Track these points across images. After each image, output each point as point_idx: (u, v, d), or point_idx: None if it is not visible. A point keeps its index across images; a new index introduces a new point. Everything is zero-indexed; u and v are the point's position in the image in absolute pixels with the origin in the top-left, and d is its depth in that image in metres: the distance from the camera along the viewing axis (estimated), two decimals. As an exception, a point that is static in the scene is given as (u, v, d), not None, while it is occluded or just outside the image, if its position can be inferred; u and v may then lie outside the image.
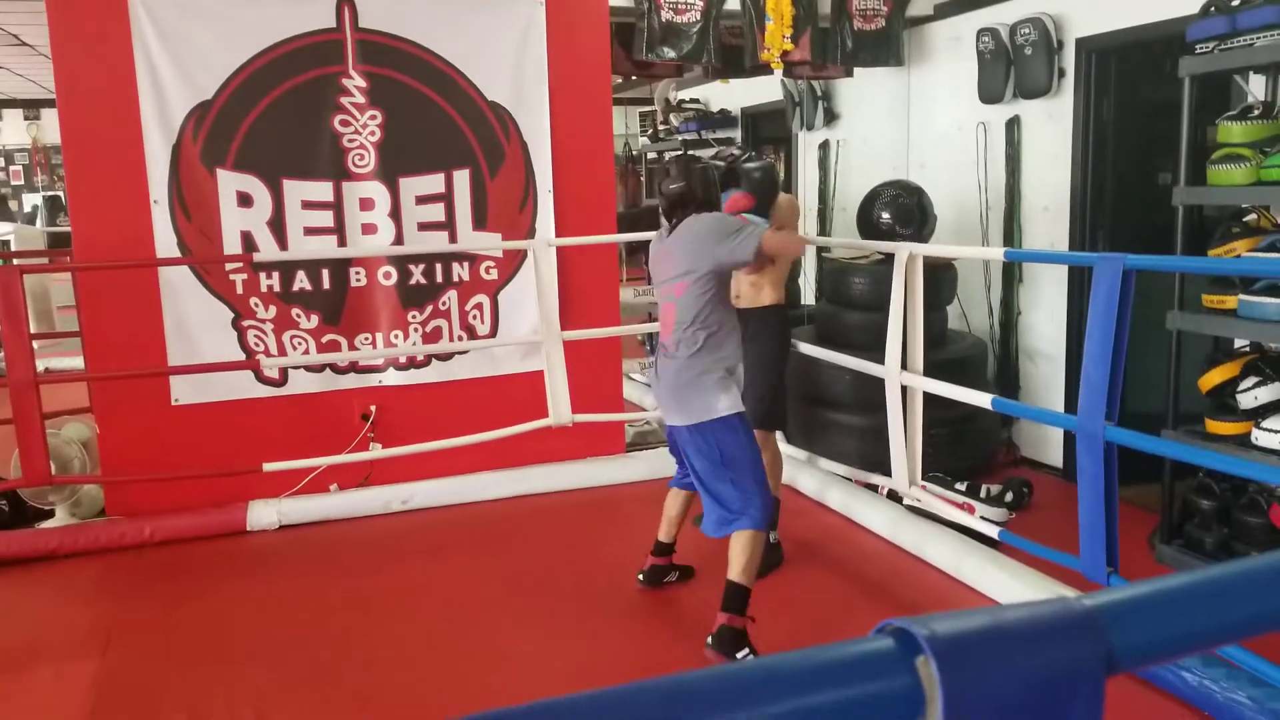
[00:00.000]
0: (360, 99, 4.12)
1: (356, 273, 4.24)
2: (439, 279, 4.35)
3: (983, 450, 4.52)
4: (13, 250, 7.20)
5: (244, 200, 4.03)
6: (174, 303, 3.99)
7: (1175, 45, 3.45)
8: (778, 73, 4.98)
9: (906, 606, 3.21)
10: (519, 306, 4.44)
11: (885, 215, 4.63)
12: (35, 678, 2.88)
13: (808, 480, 4.26)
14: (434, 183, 4.28)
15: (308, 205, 4.12)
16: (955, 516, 3.46)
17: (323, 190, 4.12)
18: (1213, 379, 3.29)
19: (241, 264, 4.04)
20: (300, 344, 4.17)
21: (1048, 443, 4.60)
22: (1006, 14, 4.53)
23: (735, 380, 2.87)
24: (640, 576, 3.32)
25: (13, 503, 4.02)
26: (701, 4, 4.48)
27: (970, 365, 4.43)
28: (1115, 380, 2.55)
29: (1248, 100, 3.35)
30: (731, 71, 5.22)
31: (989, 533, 3.27)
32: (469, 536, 3.94)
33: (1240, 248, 3.16)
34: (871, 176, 5.13)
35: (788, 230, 2.93)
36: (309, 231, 4.13)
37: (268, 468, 3.84)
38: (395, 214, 4.22)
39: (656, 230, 3.27)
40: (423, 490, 4.22)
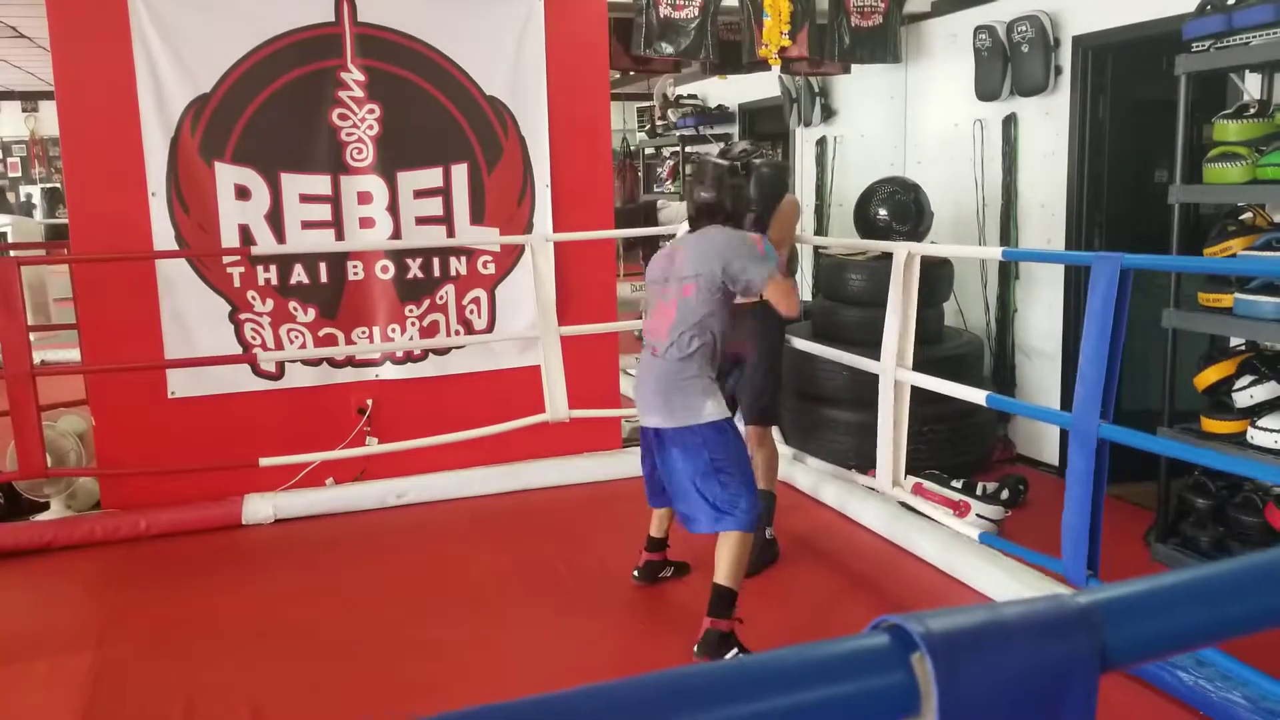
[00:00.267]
0: (358, 93, 4.11)
1: (354, 267, 4.23)
2: (436, 273, 4.35)
3: (979, 448, 4.52)
4: (10, 242, 7.19)
5: (242, 193, 4.02)
6: (171, 296, 3.98)
7: (1171, 43, 3.45)
8: (775, 69, 4.98)
9: (900, 602, 3.22)
10: (516, 301, 4.43)
11: (882, 212, 4.64)
12: (30, 671, 2.88)
13: (803, 476, 4.26)
14: (432, 177, 4.27)
15: (305, 199, 4.11)
16: (942, 518, 3.47)
17: (321, 184, 4.12)
18: (1208, 377, 3.30)
19: (239, 257, 4.03)
20: (297, 338, 4.17)
21: (1044, 440, 4.61)
22: (1003, 11, 4.53)
23: (714, 383, 2.87)
24: (635, 573, 3.32)
25: (8, 495, 4.01)
26: (699, 0, 4.48)
27: (966, 362, 4.44)
28: (1111, 378, 2.56)
29: (1243, 98, 3.36)
30: (729, 67, 5.22)
31: (971, 535, 3.28)
32: (464, 532, 3.95)
33: (1236, 246, 3.17)
34: (868, 173, 5.13)
35: (791, 284, 2.87)
36: (307, 225, 4.12)
37: (263, 462, 3.84)
38: (393, 208, 4.21)
39: (651, 225, 3.29)
40: (418, 485, 4.22)
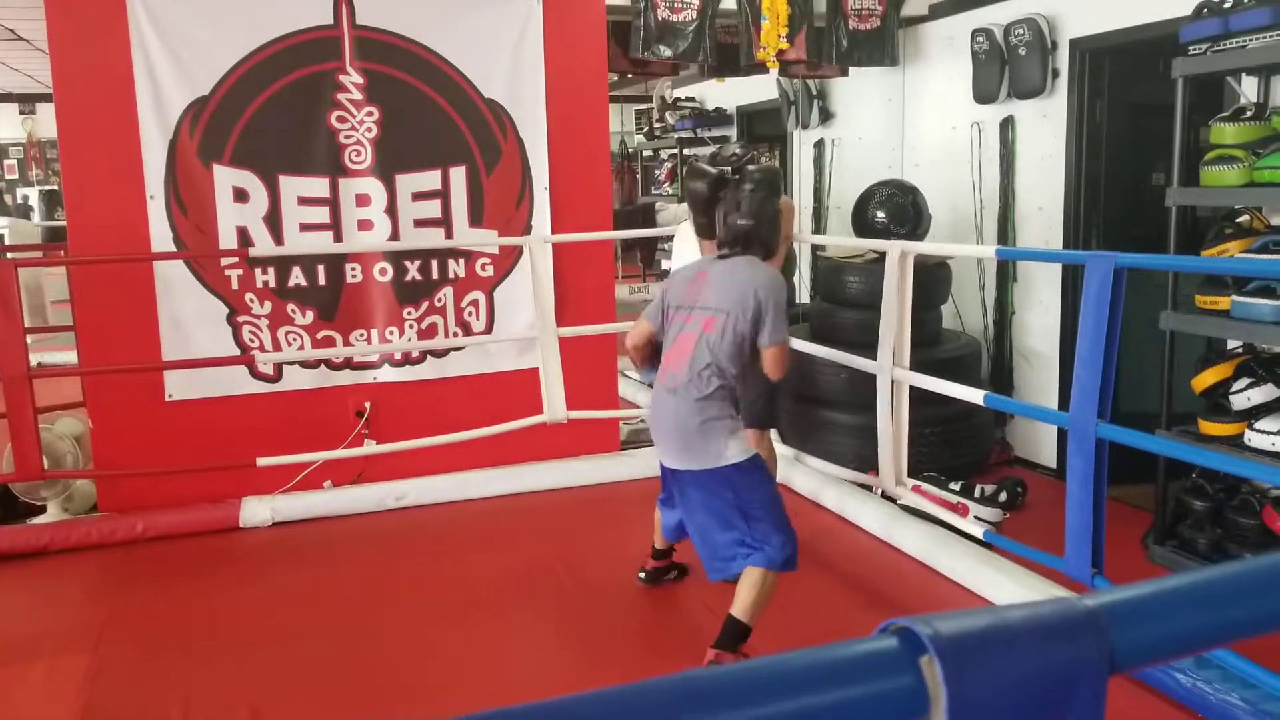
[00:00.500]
0: (357, 95, 4.11)
1: (352, 269, 4.23)
2: (435, 275, 4.34)
3: (977, 450, 4.53)
4: (7, 244, 7.17)
5: (240, 196, 4.02)
6: (169, 298, 3.98)
7: (1168, 46, 3.46)
8: (773, 71, 4.98)
9: (899, 605, 3.22)
10: (515, 303, 4.43)
11: (880, 214, 4.64)
12: (27, 673, 2.87)
13: (800, 478, 4.27)
14: (430, 179, 4.27)
15: (304, 201, 4.11)
16: (945, 518, 3.47)
17: (319, 186, 4.12)
18: (1206, 380, 3.30)
19: (237, 259, 4.03)
20: (295, 340, 4.16)
21: (1042, 443, 4.62)
22: (1001, 14, 4.54)
23: (739, 421, 2.77)
24: (641, 574, 3.31)
25: (4, 498, 4.00)
26: (697, 3, 4.49)
27: (964, 364, 4.44)
28: (1107, 378, 2.57)
29: (1240, 102, 3.37)
30: (727, 70, 5.23)
31: (975, 534, 3.28)
32: (463, 534, 3.94)
33: (1233, 248, 3.18)
34: (866, 176, 5.13)
35: (789, 350, 2.78)
36: (305, 227, 4.12)
37: (261, 464, 3.83)
38: (391, 210, 4.21)
39: (649, 227, 3.25)
40: (416, 487, 4.21)
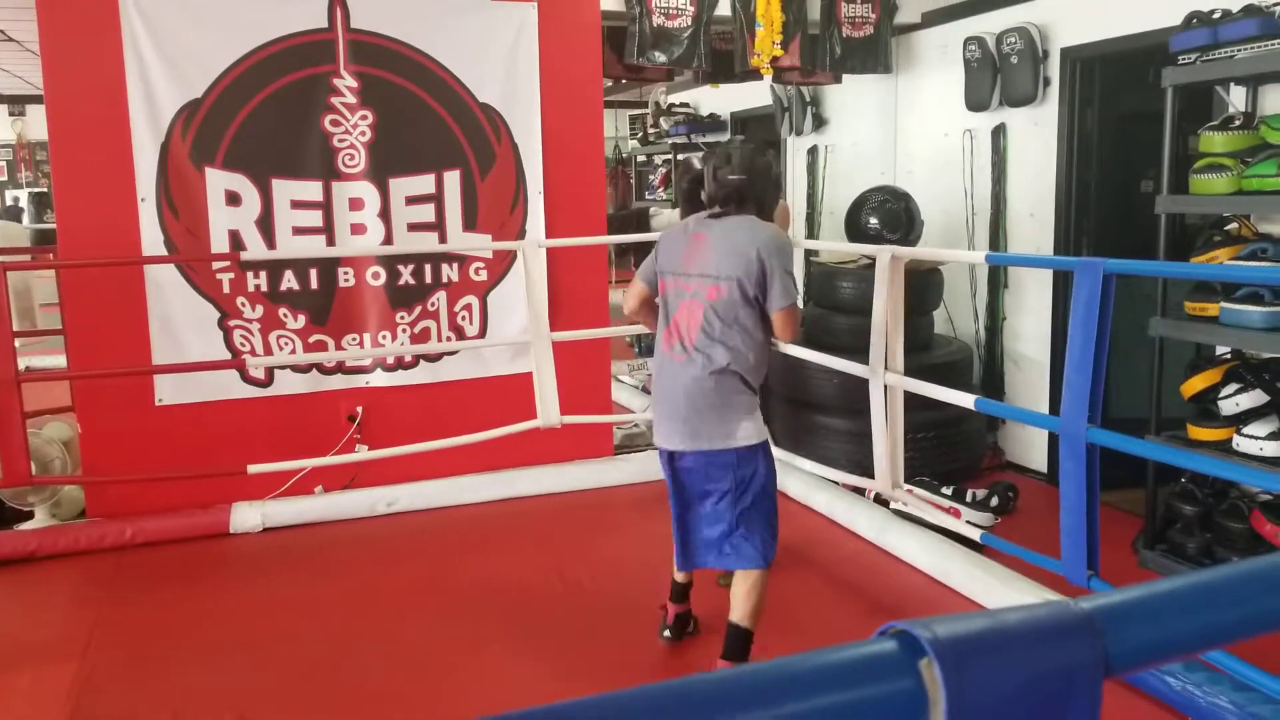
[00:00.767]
0: (351, 99, 4.11)
1: (345, 273, 4.22)
2: (428, 280, 4.34)
3: (969, 455, 4.55)
4: (-6, 247, 7.12)
5: (232, 199, 4.01)
6: (159, 301, 3.96)
7: (1158, 56, 3.50)
8: (767, 78, 5.00)
9: (893, 609, 3.23)
10: (508, 308, 4.43)
11: (873, 220, 4.66)
12: (14, 681, 2.85)
13: (793, 483, 4.27)
14: (424, 183, 4.27)
15: (297, 205, 4.10)
16: (941, 520, 3.48)
17: (312, 190, 4.11)
18: (1195, 385, 3.33)
19: (229, 263, 4.01)
20: (287, 344, 4.15)
21: (1033, 447, 4.64)
22: (993, 23, 4.58)
23: (755, 404, 2.61)
24: (666, 633, 2.98)
25: (-7, 503, 3.98)
26: (692, 9, 4.50)
27: (956, 370, 4.46)
28: (1097, 383, 2.58)
29: (1229, 111, 3.40)
30: (722, 76, 5.24)
31: (972, 536, 3.29)
32: (456, 539, 3.93)
33: (1222, 256, 3.20)
34: (859, 182, 5.16)
35: (799, 312, 2.60)
36: (298, 231, 4.11)
37: (252, 469, 3.81)
38: (385, 214, 4.20)
39: (644, 231, 3.21)
40: (409, 493, 4.20)
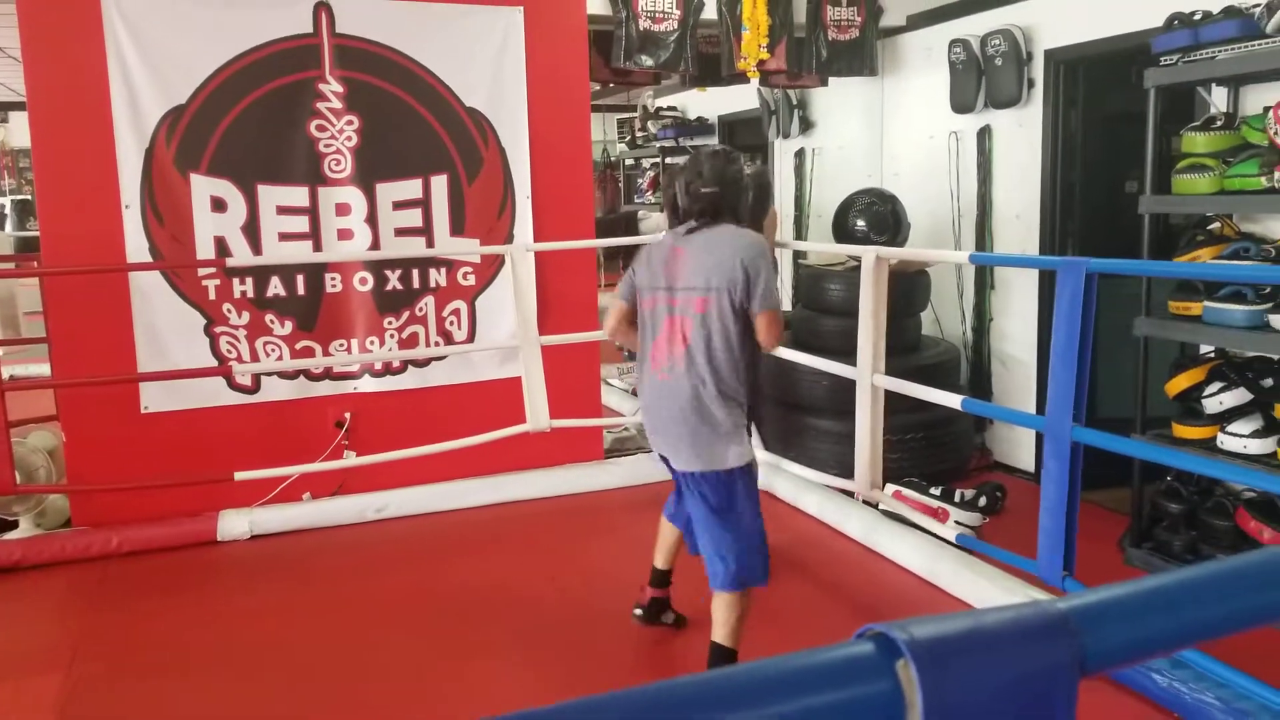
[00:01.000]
0: (337, 104, 4.10)
1: (332, 278, 4.21)
2: (416, 285, 4.33)
3: (957, 455, 4.56)
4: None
5: (218, 205, 3.99)
6: (145, 309, 3.94)
7: (1140, 57, 3.52)
8: (754, 81, 5.02)
9: (881, 610, 3.24)
10: (497, 312, 4.43)
11: (860, 223, 4.68)
12: None
13: (782, 485, 4.28)
14: (411, 188, 4.26)
15: (283, 210, 4.08)
16: (924, 523, 3.49)
17: (298, 195, 4.09)
18: (1179, 384, 3.35)
19: (214, 269, 3.99)
20: (274, 350, 4.13)
21: (1021, 447, 4.66)
22: (977, 25, 4.60)
23: (743, 421, 2.58)
24: (637, 611, 3.06)
25: (-23, 512, 3.94)
26: (679, 13, 4.51)
27: (943, 371, 4.48)
28: (1081, 382, 2.60)
29: (1211, 111, 3.43)
30: (708, 80, 5.25)
31: (947, 537, 3.31)
32: (445, 545, 3.92)
33: (1205, 255, 3.23)
34: (846, 184, 5.18)
35: (782, 316, 2.59)
36: (284, 237, 4.10)
37: (239, 476, 3.79)
38: (372, 219, 4.19)
39: (632, 235, 3.19)
40: (397, 499, 4.19)
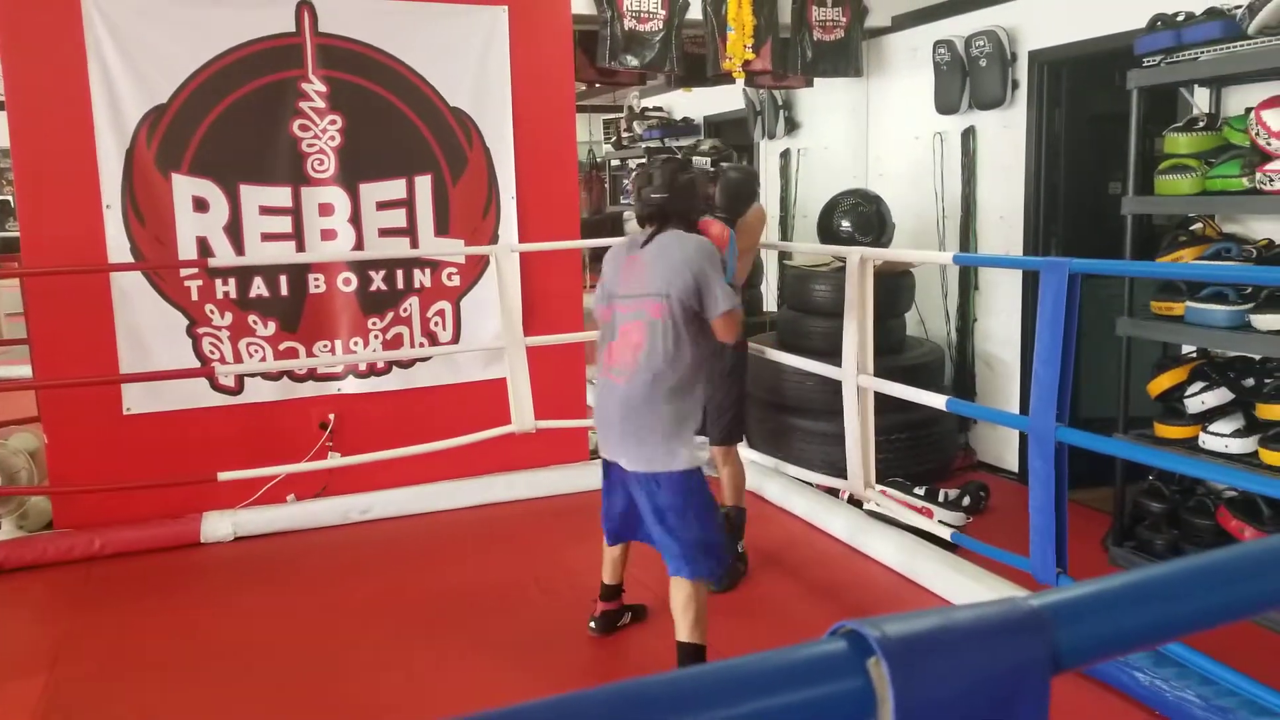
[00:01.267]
0: (320, 104, 4.07)
1: (315, 279, 4.18)
2: (400, 285, 4.31)
3: (941, 455, 4.58)
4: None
5: (200, 205, 3.96)
6: (126, 310, 3.91)
7: (1124, 58, 3.54)
8: (739, 82, 5.02)
9: (866, 609, 3.24)
10: (482, 313, 4.41)
11: (845, 223, 4.69)
12: (-21, 696, 2.79)
13: (770, 486, 4.28)
14: (395, 188, 4.24)
15: (265, 211, 4.06)
16: (913, 520, 3.50)
17: (281, 196, 4.07)
18: (1162, 384, 3.37)
19: (197, 270, 3.97)
20: (257, 351, 4.11)
21: (1005, 447, 4.68)
22: (962, 26, 4.62)
23: (694, 425, 2.65)
24: (591, 624, 3.07)
25: (-44, 516, 3.90)
26: (664, 13, 4.51)
27: (928, 371, 4.49)
28: (1065, 382, 2.61)
29: (1193, 112, 3.45)
30: (694, 80, 5.26)
31: (943, 535, 3.32)
32: (429, 547, 3.90)
33: (1187, 256, 3.25)
34: (831, 185, 5.19)
35: (740, 312, 2.64)
36: (267, 237, 4.07)
37: (222, 478, 3.76)
38: (355, 220, 4.17)
39: (618, 236, 3.20)
40: (382, 500, 4.17)
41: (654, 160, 2.79)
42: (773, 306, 5.90)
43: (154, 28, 3.83)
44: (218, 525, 3.91)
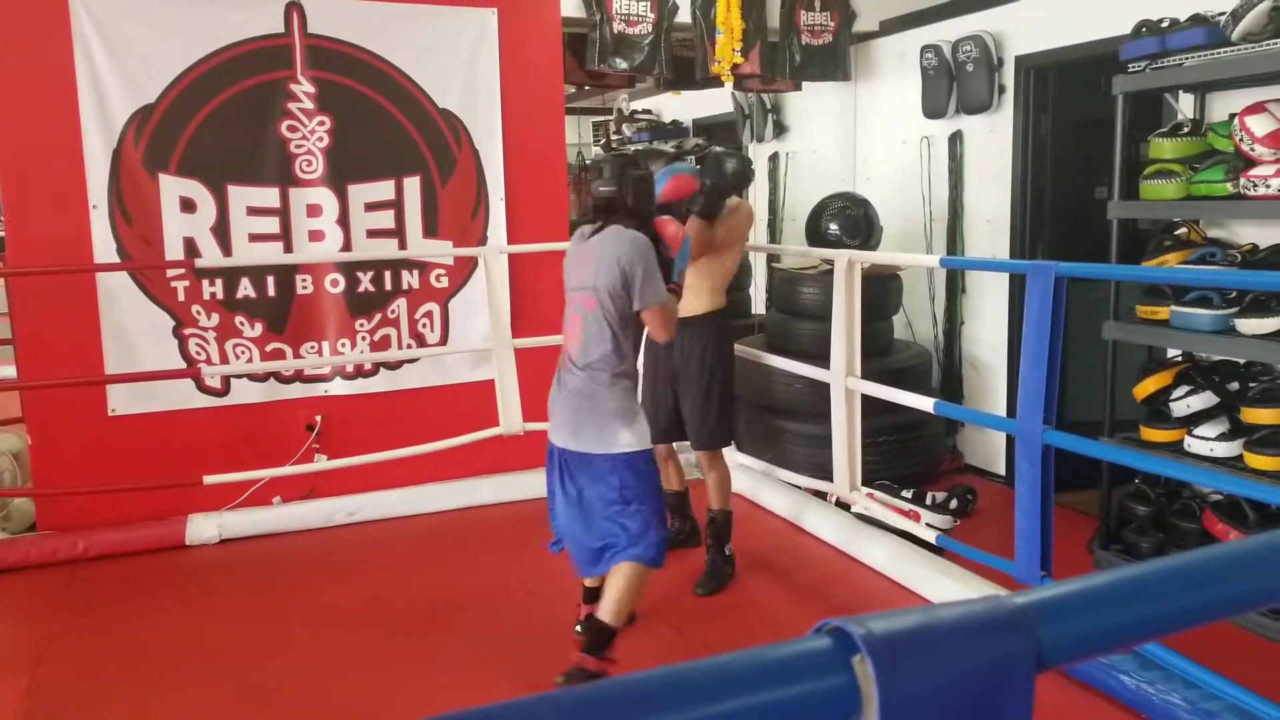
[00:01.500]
0: (309, 104, 4.06)
1: (303, 280, 4.16)
2: (388, 287, 4.30)
3: (929, 458, 4.60)
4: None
5: (187, 206, 3.94)
6: (112, 310, 3.88)
7: (1109, 64, 3.57)
8: (728, 85, 5.04)
9: (852, 612, 3.23)
10: (470, 315, 4.40)
11: (833, 227, 4.70)
12: (-40, 700, 2.77)
13: (758, 489, 4.29)
14: (384, 189, 4.23)
15: (253, 211, 4.04)
16: (900, 523, 3.51)
17: (269, 196, 4.05)
18: (1147, 388, 3.39)
19: (183, 271, 3.94)
20: (243, 352, 4.09)
21: (992, 450, 4.70)
22: (949, 31, 4.65)
23: (637, 409, 2.72)
24: (578, 628, 3.02)
25: (-63, 518, 3.86)
26: (653, 16, 4.52)
27: (915, 374, 4.51)
28: (1051, 384, 2.63)
29: (1178, 118, 3.48)
30: (683, 83, 5.26)
31: (929, 538, 3.33)
32: (417, 549, 3.89)
33: (1172, 260, 3.27)
34: (820, 188, 5.20)
35: (673, 311, 2.72)
36: (254, 238, 4.05)
37: (208, 480, 3.75)
38: (344, 220, 4.16)
39: None
40: (369, 502, 4.15)
41: (606, 157, 2.87)
42: (761, 309, 5.91)
43: (142, 27, 3.81)
44: (203, 527, 3.89)
